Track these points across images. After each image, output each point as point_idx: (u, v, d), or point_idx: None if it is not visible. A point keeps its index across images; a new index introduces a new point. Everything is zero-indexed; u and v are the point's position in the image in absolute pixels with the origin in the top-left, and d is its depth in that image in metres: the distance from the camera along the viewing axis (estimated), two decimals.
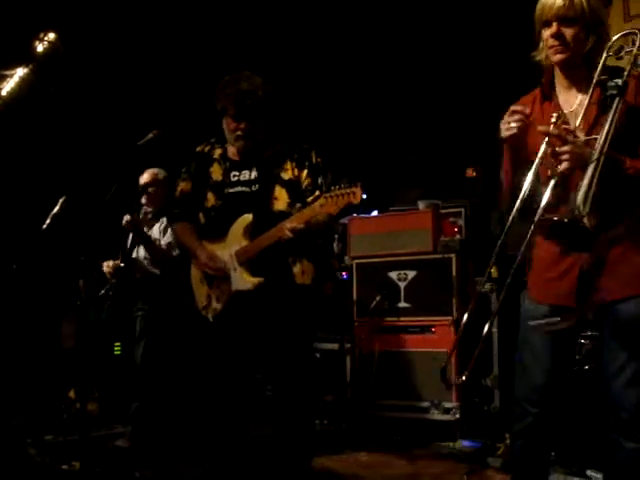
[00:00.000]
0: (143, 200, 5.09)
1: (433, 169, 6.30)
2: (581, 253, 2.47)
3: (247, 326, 3.31)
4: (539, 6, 2.51)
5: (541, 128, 2.41)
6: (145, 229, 4.99)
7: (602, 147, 2.30)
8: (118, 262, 5.10)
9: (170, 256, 4.91)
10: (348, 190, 2.94)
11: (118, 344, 6.23)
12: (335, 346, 5.45)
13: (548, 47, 2.52)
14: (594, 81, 2.42)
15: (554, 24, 2.45)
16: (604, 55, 2.43)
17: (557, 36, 2.46)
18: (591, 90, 2.42)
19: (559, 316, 2.51)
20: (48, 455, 4.35)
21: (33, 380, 5.74)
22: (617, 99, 2.35)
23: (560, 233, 2.35)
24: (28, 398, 5.53)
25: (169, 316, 5.03)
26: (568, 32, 2.44)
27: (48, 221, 4.80)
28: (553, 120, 2.39)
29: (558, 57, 2.51)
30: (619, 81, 2.37)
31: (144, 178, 5.10)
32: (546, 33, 2.49)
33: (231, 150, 3.46)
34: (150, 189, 5.04)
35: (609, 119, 2.34)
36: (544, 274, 2.62)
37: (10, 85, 6.25)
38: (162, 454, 4.73)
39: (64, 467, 4.03)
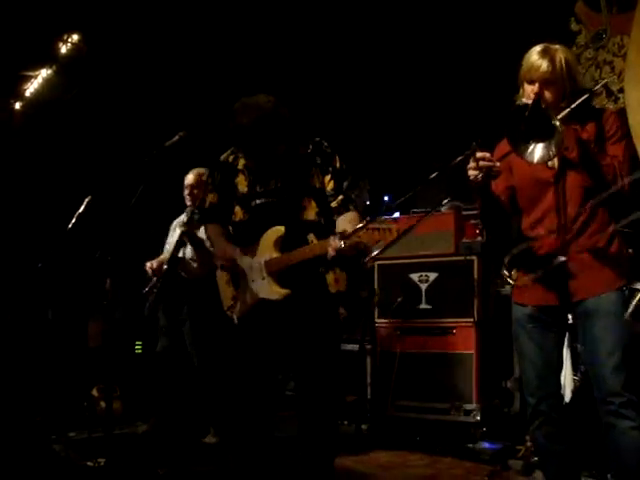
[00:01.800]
0: (188, 202, 5.09)
1: (456, 171, 6.29)
2: (560, 259, 2.82)
3: (273, 328, 3.32)
4: (527, 65, 2.86)
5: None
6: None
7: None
8: (161, 259, 5.15)
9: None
10: (385, 226, 2.92)
11: (139, 343, 6.29)
12: (356, 347, 5.47)
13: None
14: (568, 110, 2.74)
15: (537, 84, 2.82)
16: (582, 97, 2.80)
17: (538, 95, 2.79)
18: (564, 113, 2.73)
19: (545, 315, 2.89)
20: (73, 451, 4.40)
21: (58, 378, 5.81)
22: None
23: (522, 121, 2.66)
24: (53, 396, 5.59)
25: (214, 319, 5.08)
26: (547, 93, 2.81)
27: (74, 221, 4.85)
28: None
29: None
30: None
31: (189, 179, 5.09)
32: (529, 88, 2.85)
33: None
34: (195, 190, 5.03)
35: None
36: (528, 279, 2.91)
37: (34, 86, 6.36)
38: (185, 453, 4.78)
39: (89, 463, 4.07)
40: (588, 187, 2.78)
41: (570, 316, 2.97)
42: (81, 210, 4.85)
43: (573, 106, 2.74)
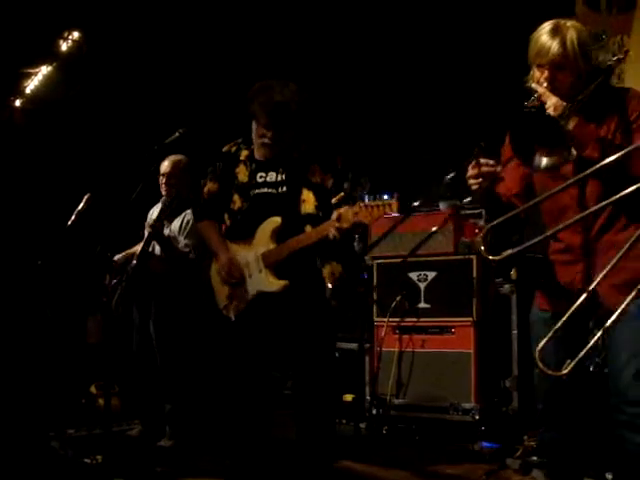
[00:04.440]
0: (164, 192, 4.92)
1: (454, 170, 6.29)
2: (584, 261, 2.67)
3: (271, 325, 3.32)
4: (536, 46, 2.63)
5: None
6: (165, 224, 4.84)
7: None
8: (128, 252, 5.12)
9: (187, 258, 4.79)
10: (385, 202, 2.92)
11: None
12: (354, 346, 5.46)
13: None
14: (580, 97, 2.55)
15: (547, 71, 2.60)
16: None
17: (550, 81, 2.59)
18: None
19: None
20: (71, 448, 4.39)
21: (56, 375, 5.80)
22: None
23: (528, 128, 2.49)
24: (51, 392, 5.59)
25: (185, 316, 5.04)
26: (560, 78, 2.59)
27: (73, 218, 4.85)
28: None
29: None
30: None
31: (165, 167, 4.89)
32: (537, 73, 2.63)
33: (258, 151, 3.46)
34: (172, 180, 4.87)
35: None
36: (551, 284, 2.78)
37: (34, 83, 6.36)
38: (182, 451, 4.78)
39: (87, 461, 4.07)
40: (609, 184, 2.50)
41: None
42: (80, 207, 4.86)
43: (580, 98, 2.51)
